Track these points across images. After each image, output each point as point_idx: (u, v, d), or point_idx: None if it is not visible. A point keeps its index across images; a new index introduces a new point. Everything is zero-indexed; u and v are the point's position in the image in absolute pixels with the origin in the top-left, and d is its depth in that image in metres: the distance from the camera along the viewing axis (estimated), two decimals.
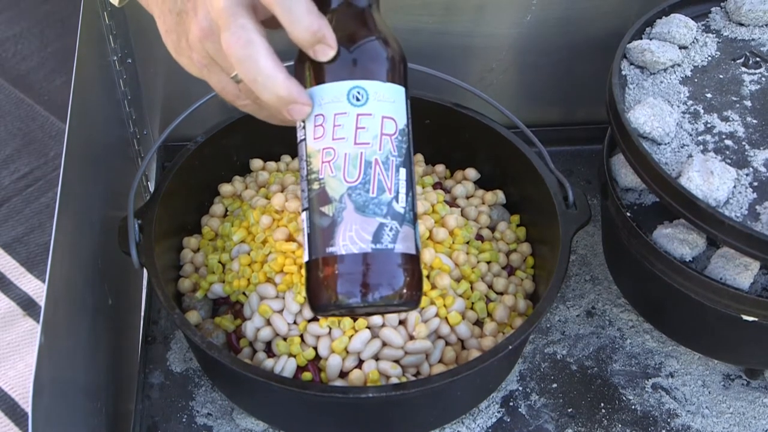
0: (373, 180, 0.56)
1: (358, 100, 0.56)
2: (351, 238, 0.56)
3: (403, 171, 0.58)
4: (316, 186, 0.57)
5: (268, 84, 0.53)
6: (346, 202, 0.56)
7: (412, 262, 0.58)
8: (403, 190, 0.57)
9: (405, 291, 0.57)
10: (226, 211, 0.83)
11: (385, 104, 0.57)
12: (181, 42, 0.58)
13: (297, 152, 0.59)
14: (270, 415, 0.76)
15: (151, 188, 0.99)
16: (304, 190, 0.58)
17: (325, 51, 0.55)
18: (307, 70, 0.57)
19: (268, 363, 0.71)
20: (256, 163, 0.86)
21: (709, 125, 0.73)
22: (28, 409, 0.55)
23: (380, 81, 0.57)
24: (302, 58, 0.57)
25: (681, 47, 0.78)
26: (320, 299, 0.57)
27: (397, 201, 0.57)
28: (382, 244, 0.56)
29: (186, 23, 0.57)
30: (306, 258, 0.58)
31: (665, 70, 0.77)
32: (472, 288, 0.76)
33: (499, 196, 0.85)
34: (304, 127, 0.57)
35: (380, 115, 0.57)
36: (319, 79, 0.56)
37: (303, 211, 0.58)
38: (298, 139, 0.58)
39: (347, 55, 0.56)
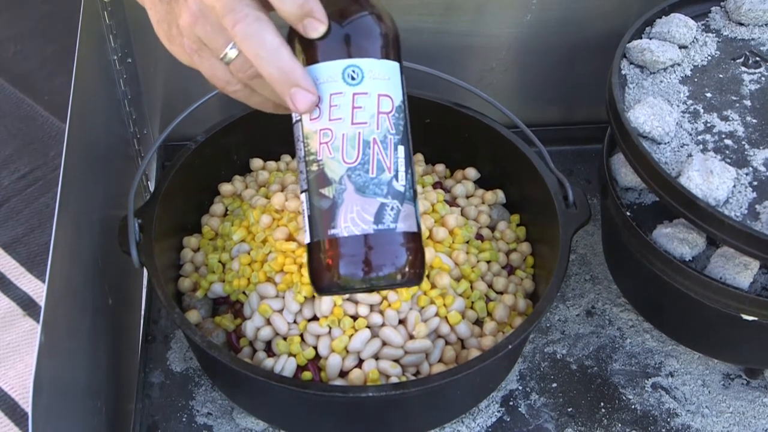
0: (372, 160, 0.56)
1: (353, 79, 0.56)
2: (353, 220, 0.56)
3: (401, 149, 0.57)
4: (314, 168, 0.57)
5: (272, 58, 0.53)
6: (346, 183, 0.56)
7: (414, 239, 0.58)
8: (402, 168, 0.57)
9: (408, 269, 0.57)
10: (226, 210, 0.83)
11: (381, 82, 0.56)
12: (172, 30, 0.59)
13: (292, 133, 0.58)
14: (270, 415, 0.76)
15: (151, 188, 0.99)
16: (302, 171, 0.58)
17: (314, 25, 0.54)
18: (298, 50, 0.56)
19: (268, 362, 0.71)
20: (256, 162, 0.86)
21: (708, 125, 0.73)
22: (28, 409, 0.55)
23: (375, 58, 0.56)
24: (292, 38, 0.56)
25: (681, 47, 0.78)
26: (323, 280, 0.58)
27: (397, 179, 0.57)
28: (384, 224, 0.56)
29: (176, 10, 0.57)
30: (307, 240, 0.58)
31: (665, 69, 0.77)
32: (471, 287, 0.76)
33: (499, 195, 0.85)
34: None
35: (376, 94, 0.56)
36: (312, 59, 0.56)
37: (302, 192, 0.58)
38: (293, 120, 0.58)
39: (339, 32, 0.55)
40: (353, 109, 0.56)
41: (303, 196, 0.58)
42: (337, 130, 0.56)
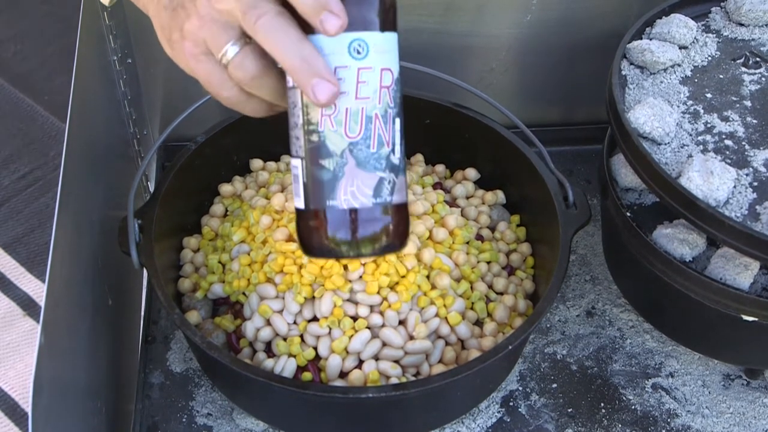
0: (374, 135, 0.57)
1: (358, 53, 0.55)
2: (353, 194, 0.57)
3: (398, 121, 0.58)
4: (315, 138, 0.57)
5: (296, 49, 0.53)
6: (348, 157, 0.57)
7: (404, 208, 0.60)
8: (398, 140, 0.58)
9: (398, 239, 0.60)
10: (226, 211, 0.83)
11: (384, 55, 0.56)
12: (174, 34, 0.59)
13: (287, 97, 0.58)
14: (270, 415, 0.76)
15: (151, 188, 0.99)
16: (298, 137, 0.58)
17: (332, 21, 0.53)
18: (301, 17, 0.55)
19: (268, 363, 0.71)
20: (256, 163, 0.86)
21: (709, 125, 0.73)
22: (28, 409, 0.55)
23: (379, 31, 0.56)
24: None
25: (681, 47, 0.78)
26: (315, 246, 0.59)
27: (394, 153, 0.58)
28: (382, 198, 0.58)
29: (181, 16, 0.57)
30: (301, 206, 0.59)
31: (665, 70, 0.77)
32: (472, 288, 0.76)
33: (499, 196, 0.85)
34: None
35: (379, 68, 0.56)
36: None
37: (296, 158, 0.58)
38: (289, 85, 0.57)
39: (348, 4, 0.55)
40: (358, 83, 0.56)
41: (297, 162, 0.58)
42: (341, 104, 0.56)
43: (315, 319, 0.72)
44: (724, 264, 0.69)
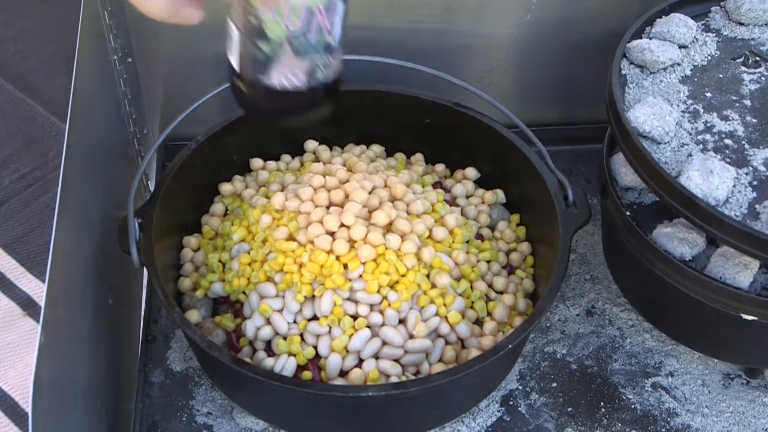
0: (314, 26, 0.56)
1: None
2: (287, 77, 0.57)
3: (341, 6, 0.57)
4: (254, 21, 0.55)
5: None
6: (285, 46, 0.56)
7: (336, 82, 0.60)
8: (339, 23, 0.57)
9: (325, 108, 0.61)
10: (226, 210, 0.83)
11: None
12: None
13: None
14: (270, 414, 0.76)
15: (151, 188, 0.99)
16: (237, 10, 0.56)
17: None
18: None
19: (268, 362, 0.71)
20: (256, 162, 0.86)
21: (708, 124, 0.73)
22: (28, 409, 0.55)
23: None
24: None
25: (681, 46, 0.78)
26: (244, 105, 0.60)
27: (333, 37, 0.57)
28: (315, 79, 0.58)
29: None
30: (235, 66, 0.58)
31: (665, 69, 0.77)
32: (471, 287, 0.76)
33: (499, 195, 0.85)
34: None
35: None
36: None
37: (233, 23, 0.57)
38: None
39: None
40: None
41: (234, 28, 0.57)
42: None
43: (315, 318, 0.72)
44: (723, 263, 0.69)
